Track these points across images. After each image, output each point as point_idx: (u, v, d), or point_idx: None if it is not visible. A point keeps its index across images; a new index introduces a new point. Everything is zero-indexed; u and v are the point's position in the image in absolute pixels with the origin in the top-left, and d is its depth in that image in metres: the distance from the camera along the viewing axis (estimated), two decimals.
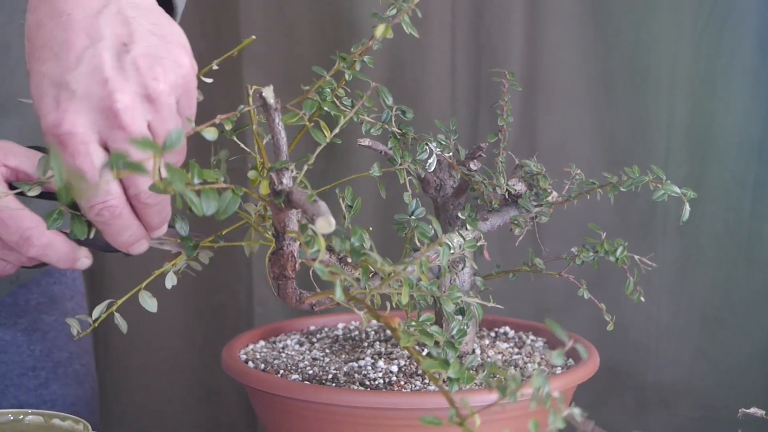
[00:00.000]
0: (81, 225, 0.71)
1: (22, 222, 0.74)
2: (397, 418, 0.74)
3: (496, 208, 0.88)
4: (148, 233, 0.73)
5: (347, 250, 0.58)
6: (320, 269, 0.55)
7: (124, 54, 0.66)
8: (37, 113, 0.67)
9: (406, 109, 0.83)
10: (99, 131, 0.66)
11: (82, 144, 0.65)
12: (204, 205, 0.56)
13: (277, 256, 0.73)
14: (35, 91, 0.67)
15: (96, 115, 0.65)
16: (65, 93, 0.65)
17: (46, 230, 0.74)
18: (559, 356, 0.51)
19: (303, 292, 0.76)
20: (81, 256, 0.77)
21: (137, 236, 0.72)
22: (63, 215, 0.70)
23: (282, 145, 0.69)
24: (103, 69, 0.65)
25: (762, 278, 1.54)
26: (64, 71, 0.65)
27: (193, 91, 0.71)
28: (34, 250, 0.74)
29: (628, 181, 0.84)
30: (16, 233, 0.74)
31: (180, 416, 1.85)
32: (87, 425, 0.81)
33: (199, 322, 1.80)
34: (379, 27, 0.67)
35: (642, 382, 1.60)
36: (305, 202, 0.61)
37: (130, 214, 0.70)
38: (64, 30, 0.66)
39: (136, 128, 0.66)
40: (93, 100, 0.65)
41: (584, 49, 1.55)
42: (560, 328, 0.50)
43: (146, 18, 0.69)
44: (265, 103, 0.67)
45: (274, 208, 0.70)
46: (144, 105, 0.67)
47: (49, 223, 0.69)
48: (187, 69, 0.69)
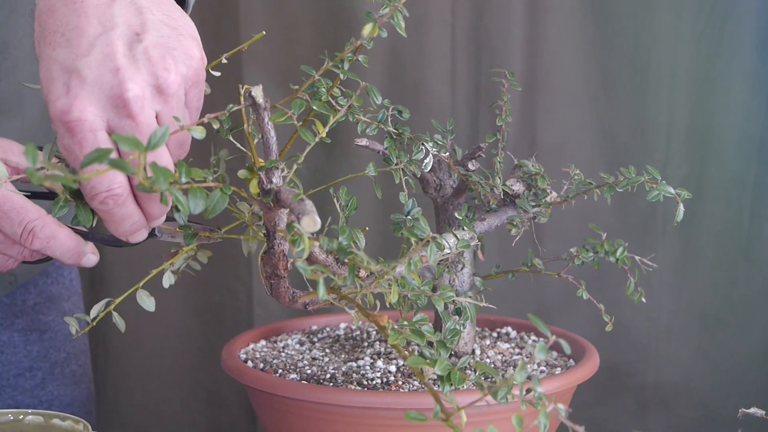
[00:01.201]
0: (86, 213, 0.70)
1: (26, 214, 0.74)
2: (395, 418, 0.74)
3: (494, 209, 0.87)
4: (147, 223, 0.73)
5: (334, 249, 0.58)
6: (302, 268, 0.55)
7: (136, 43, 0.66)
8: (45, 99, 0.66)
9: (402, 109, 0.83)
10: (108, 119, 0.66)
11: (90, 131, 0.65)
12: (191, 204, 0.56)
13: (269, 255, 0.73)
14: (44, 75, 0.67)
15: (105, 102, 0.65)
16: (76, 79, 0.65)
17: (50, 222, 0.74)
18: (542, 351, 0.51)
19: (296, 291, 0.76)
20: (88, 251, 0.77)
21: (138, 225, 0.72)
22: (69, 203, 0.69)
23: (272, 144, 0.69)
24: (115, 57, 0.65)
25: (762, 278, 1.54)
26: (75, 57, 0.65)
27: (202, 83, 0.71)
28: (38, 242, 0.74)
29: (624, 182, 0.84)
30: (20, 225, 0.74)
31: (180, 416, 1.85)
32: (87, 425, 0.81)
33: (199, 321, 1.80)
34: (366, 26, 0.67)
35: (642, 382, 1.60)
36: (292, 201, 0.61)
37: (133, 203, 0.70)
38: (77, 16, 0.66)
39: (144, 118, 0.66)
40: (104, 87, 0.65)
41: (584, 49, 1.55)
42: (543, 323, 0.50)
43: (159, 9, 0.69)
44: (254, 102, 0.67)
45: (264, 208, 0.70)
46: (154, 95, 0.66)
47: (55, 210, 0.69)
48: (197, 61, 0.69)
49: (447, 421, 0.52)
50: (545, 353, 0.51)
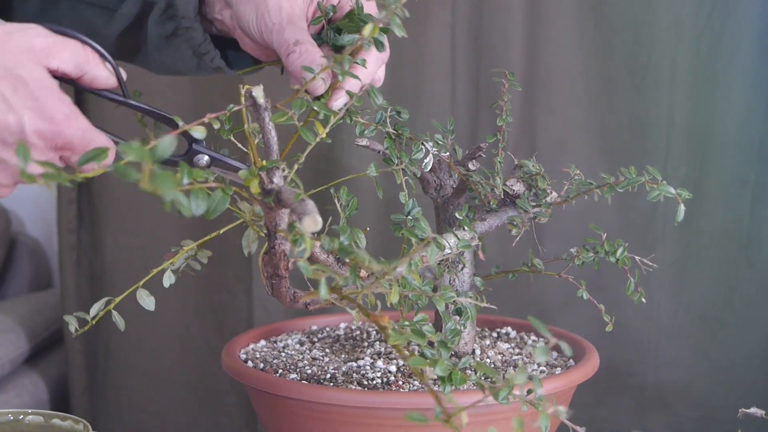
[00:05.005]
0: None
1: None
2: (395, 417, 0.74)
3: (494, 209, 0.87)
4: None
5: (335, 248, 0.58)
6: (304, 267, 0.55)
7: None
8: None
9: (401, 110, 0.83)
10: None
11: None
12: (193, 205, 0.56)
13: (270, 255, 0.73)
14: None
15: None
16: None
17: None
18: (542, 353, 0.51)
19: (297, 291, 0.76)
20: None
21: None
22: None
23: (272, 145, 0.69)
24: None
25: (762, 278, 1.54)
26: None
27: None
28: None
29: (624, 182, 0.83)
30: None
31: (180, 416, 1.85)
32: (87, 425, 0.81)
33: (199, 322, 1.80)
34: (366, 27, 0.67)
35: (642, 382, 1.60)
36: (293, 201, 0.60)
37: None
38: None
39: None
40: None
41: (584, 49, 1.55)
42: (543, 325, 0.50)
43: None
44: (255, 103, 0.66)
45: (265, 208, 0.70)
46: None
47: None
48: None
49: (448, 422, 0.51)
50: (545, 355, 0.51)
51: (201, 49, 0.84)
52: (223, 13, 0.83)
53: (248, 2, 0.80)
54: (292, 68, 0.76)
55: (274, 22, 0.78)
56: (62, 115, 0.69)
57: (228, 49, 0.87)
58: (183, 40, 0.84)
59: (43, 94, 0.68)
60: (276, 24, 0.77)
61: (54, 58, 0.70)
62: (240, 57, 0.87)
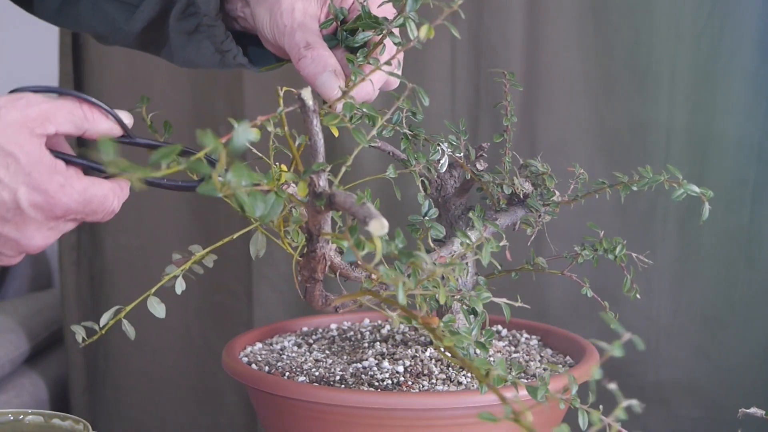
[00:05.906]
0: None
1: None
2: (410, 418, 0.75)
3: (504, 208, 0.88)
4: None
5: (394, 252, 0.58)
6: (385, 272, 0.55)
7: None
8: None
9: (416, 111, 0.83)
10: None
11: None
12: (254, 207, 0.55)
13: (308, 258, 0.73)
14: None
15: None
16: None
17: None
18: (618, 348, 0.52)
19: (329, 294, 0.76)
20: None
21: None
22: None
23: (319, 147, 0.69)
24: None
25: (762, 278, 1.54)
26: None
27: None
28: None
29: (642, 181, 0.83)
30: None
31: (180, 417, 1.85)
32: (87, 425, 0.81)
33: (199, 322, 1.80)
34: (423, 27, 0.68)
35: (642, 382, 1.60)
36: (353, 205, 0.59)
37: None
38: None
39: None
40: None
41: (584, 49, 1.55)
42: (616, 321, 0.51)
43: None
44: (304, 105, 0.66)
45: (311, 211, 0.69)
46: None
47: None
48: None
49: (518, 421, 0.52)
50: (621, 351, 0.52)
51: (223, 46, 0.84)
52: (245, 11, 0.83)
53: (263, 3, 0.80)
54: (304, 73, 0.76)
55: (285, 24, 0.77)
56: (56, 185, 0.69)
57: (251, 45, 0.86)
58: (205, 37, 0.84)
59: (35, 168, 0.68)
60: (288, 26, 0.77)
61: (50, 123, 0.70)
62: (263, 53, 0.86)
